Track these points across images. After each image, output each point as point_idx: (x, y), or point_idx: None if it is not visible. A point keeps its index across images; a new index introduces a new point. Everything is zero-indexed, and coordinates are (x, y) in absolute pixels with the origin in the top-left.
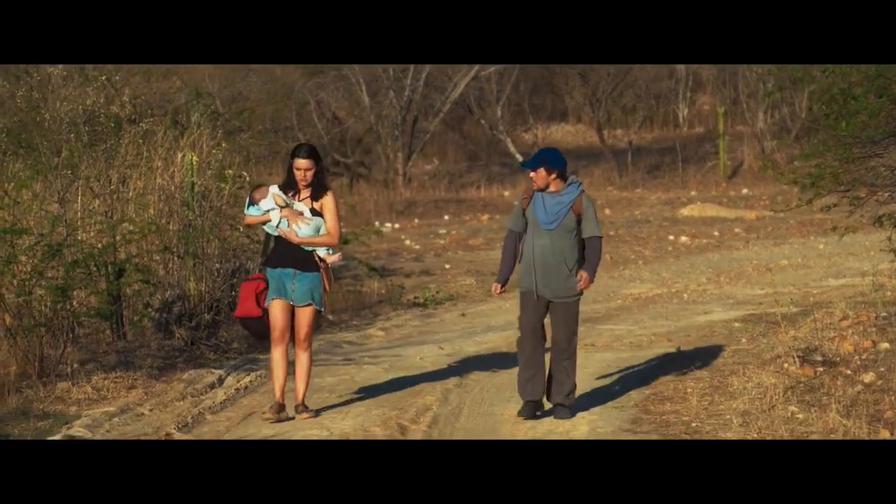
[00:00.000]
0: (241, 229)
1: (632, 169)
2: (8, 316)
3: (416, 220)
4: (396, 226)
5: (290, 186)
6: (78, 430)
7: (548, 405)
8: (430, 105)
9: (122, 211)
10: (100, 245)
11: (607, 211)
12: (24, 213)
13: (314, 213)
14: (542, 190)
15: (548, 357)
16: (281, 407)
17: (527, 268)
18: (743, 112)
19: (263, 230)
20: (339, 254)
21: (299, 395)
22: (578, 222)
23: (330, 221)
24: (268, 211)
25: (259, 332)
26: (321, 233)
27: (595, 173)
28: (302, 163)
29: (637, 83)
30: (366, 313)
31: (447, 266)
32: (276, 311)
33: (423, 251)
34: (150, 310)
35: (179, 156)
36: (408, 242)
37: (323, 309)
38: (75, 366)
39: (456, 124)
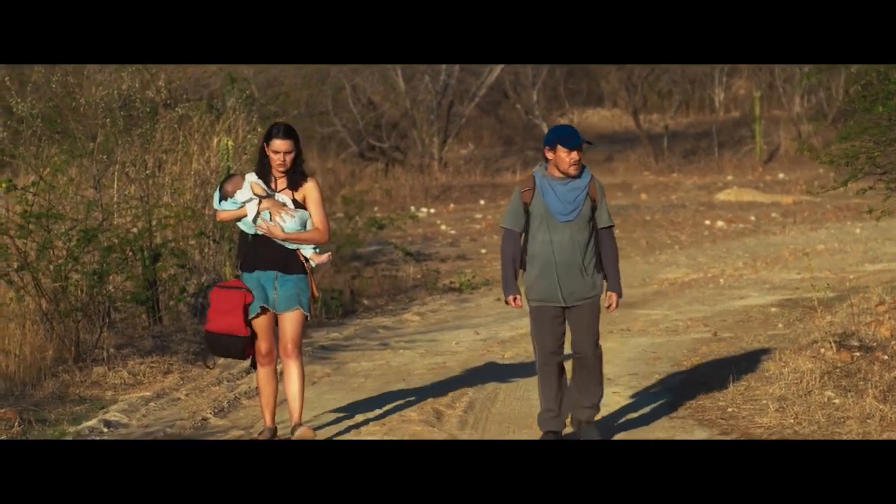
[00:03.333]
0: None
1: (668, 153)
2: (44, 301)
3: (452, 205)
4: (432, 210)
5: (262, 175)
6: (114, 415)
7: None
8: (465, 89)
9: (158, 196)
10: (135, 230)
11: (643, 196)
12: (60, 198)
13: (296, 204)
14: (574, 176)
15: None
16: (273, 433)
17: (543, 272)
18: (779, 96)
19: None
20: (329, 253)
21: (294, 415)
22: (593, 211)
23: (316, 215)
24: (244, 203)
25: (236, 352)
26: (308, 228)
27: (631, 158)
28: (280, 144)
29: (673, 67)
30: (401, 298)
31: (483, 251)
32: (260, 328)
33: (458, 236)
34: (185, 294)
35: (215, 140)
36: (443, 227)
37: (310, 316)
38: (111, 350)
39: (491, 109)
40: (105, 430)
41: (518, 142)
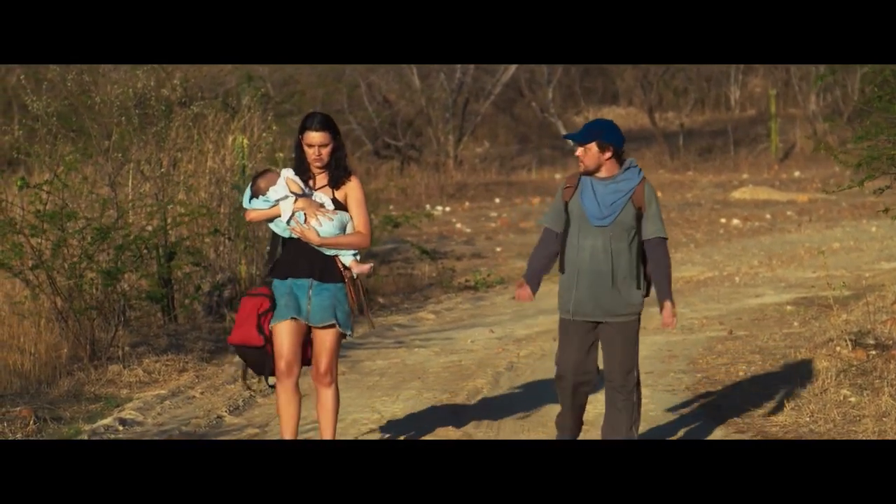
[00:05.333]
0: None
1: (683, 152)
2: (59, 299)
3: (467, 203)
4: (447, 209)
5: (300, 172)
6: (129, 413)
7: None
8: (480, 87)
9: (173, 194)
10: (150, 228)
11: (659, 194)
12: (75, 196)
13: (337, 205)
14: (590, 173)
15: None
16: None
17: (570, 281)
18: (795, 94)
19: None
20: (371, 264)
21: None
22: (638, 219)
23: (359, 217)
24: (278, 202)
25: (259, 364)
26: (348, 231)
27: (646, 156)
28: (314, 136)
29: (688, 66)
30: (417, 296)
31: (498, 249)
32: (283, 335)
33: (474, 234)
34: (200, 293)
35: (230, 139)
36: (459, 225)
37: (350, 333)
38: (126, 349)
39: (507, 107)
40: (120, 428)
41: (533, 140)
